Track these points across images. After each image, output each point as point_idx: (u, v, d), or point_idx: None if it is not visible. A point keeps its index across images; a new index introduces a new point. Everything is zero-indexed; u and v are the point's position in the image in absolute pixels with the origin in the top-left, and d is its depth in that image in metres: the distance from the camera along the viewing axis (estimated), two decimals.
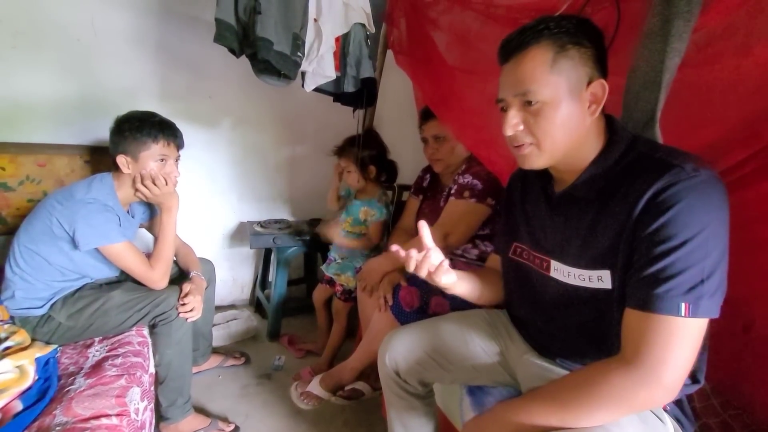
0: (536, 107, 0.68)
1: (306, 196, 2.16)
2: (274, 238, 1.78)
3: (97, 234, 1.08)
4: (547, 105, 0.67)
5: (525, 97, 0.69)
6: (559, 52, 0.66)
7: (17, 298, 1.10)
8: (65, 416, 0.88)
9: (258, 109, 1.92)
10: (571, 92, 0.67)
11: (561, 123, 0.68)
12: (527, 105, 0.69)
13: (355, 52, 1.19)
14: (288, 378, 1.64)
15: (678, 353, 0.57)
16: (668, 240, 0.58)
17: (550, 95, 0.67)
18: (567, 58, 0.66)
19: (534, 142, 0.70)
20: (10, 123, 1.45)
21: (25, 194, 1.45)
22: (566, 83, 0.67)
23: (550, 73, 0.66)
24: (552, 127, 0.68)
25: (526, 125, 0.70)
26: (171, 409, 1.24)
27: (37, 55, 1.45)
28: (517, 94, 0.70)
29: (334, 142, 2.12)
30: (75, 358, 1.10)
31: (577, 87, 0.67)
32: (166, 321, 1.19)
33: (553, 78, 0.66)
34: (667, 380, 0.57)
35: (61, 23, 1.46)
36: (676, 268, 0.58)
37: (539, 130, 0.69)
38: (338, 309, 1.64)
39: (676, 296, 0.57)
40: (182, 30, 1.65)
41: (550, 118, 0.68)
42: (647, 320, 0.59)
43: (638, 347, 0.59)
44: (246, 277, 2.16)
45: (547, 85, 0.67)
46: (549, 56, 0.66)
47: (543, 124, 0.68)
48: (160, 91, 1.67)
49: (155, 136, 1.14)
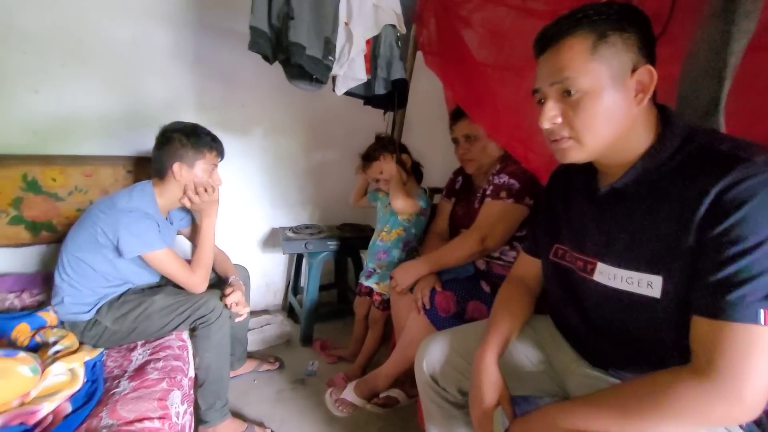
0: (576, 97, 0.64)
1: (335, 201, 2.16)
2: (306, 244, 1.79)
3: (140, 242, 1.12)
4: (588, 95, 0.63)
5: (563, 86, 0.65)
6: (599, 39, 0.62)
7: (66, 303, 1.15)
8: (111, 419, 0.90)
9: (288, 116, 1.95)
10: (613, 80, 0.62)
11: (603, 113, 0.63)
12: (566, 95, 0.65)
13: (385, 54, 1.18)
14: (322, 383, 1.64)
15: (761, 366, 0.51)
16: (740, 241, 0.53)
17: (591, 83, 0.63)
18: (608, 45, 0.62)
19: (573, 135, 0.66)
20: (61, 136, 1.53)
21: (74, 204, 1.53)
22: (608, 70, 0.62)
23: (590, 60, 0.62)
24: (593, 119, 0.64)
25: (564, 117, 0.66)
26: (209, 412, 1.26)
27: (84, 72, 1.54)
28: (554, 83, 0.66)
29: (362, 146, 2.12)
30: (119, 361, 1.13)
31: (620, 74, 0.62)
32: (206, 324, 1.21)
33: (593, 65, 0.62)
34: (749, 396, 0.51)
35: (105, 41, 1.54)
36: (751, 272, 0.52)
37: (579, 122, 0.65)
38: (375, 317, 1.62)
39: (753, 302, 0.52)
40: (216, 42, 1.71)
41: (590, 109, 0.63)
42: (721, 329, 0.53)
43: (713, 358, 0.53)
44: (278, 283, 2.18)
45: (587, 73, 0.62)
46: (588, 44, 0.62)
47: (583, 115, 0.64)
48: (196, 102, 1.72)
49: (210, 146, 1.20)
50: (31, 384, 0.91)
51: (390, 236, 1.60)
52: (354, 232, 1.99)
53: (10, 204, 1.45)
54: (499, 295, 0.94)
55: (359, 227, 2.05)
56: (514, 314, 0.89)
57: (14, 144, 1.47)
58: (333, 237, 1.87)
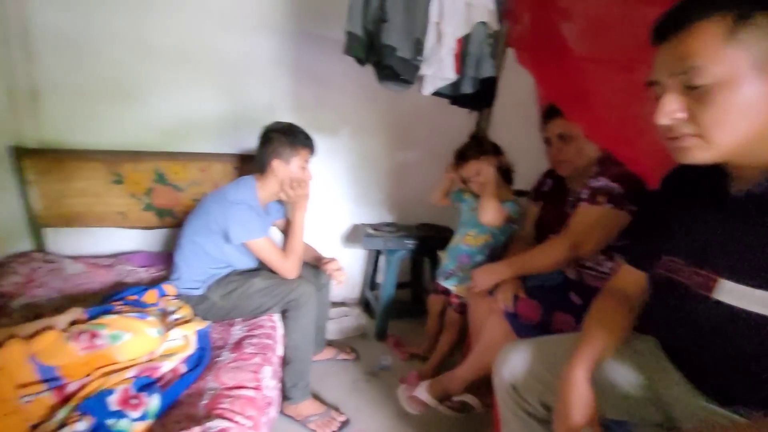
0: (704, 89, 0.55)
1: (415, 201, 2.18)
2: (385, 241, 1.83)
3: (244, 231, 1.26)
4: (720, 86, 0.54)
5: (688, 77, 0.56)
6: (739, 21, 0.53)
7: (182, 279, 1.34)
8: (215, 383, 1.03)
9: (374, 117, 2.02)
10: (755, 68, 0.53)
11: (739, 107, 0.54)
12: (691, 87, 0.56)
13: (475, 52, 1.17)
14: (394, 379, 1.67)
15: None
16: None
17: (725, 73, 0.54)
18: (751, 26, 0.52)
19: (698, 132, 0.57)
20: (183, 136, 1.79)
21: (191, 194, 1.77)
22: (748, 57, 0.53)
23: (726, 46, 0.53)
24: (726, 114, 0.55)
25: (688, 112, 0.58)
26: (293, 390, 1.36)
27: (202, 81, 1.77)
28: (676, 73, 0.58)
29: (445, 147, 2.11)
30: (222, 334, 1.28)
31: (764, 61, 0.53)
32: (296, 308, 1.31)
33: (729, 52, 0.53)
34: None
35: (220, 53, 1.75)
36: None
37: (707, 118, 0.56)
38: (452, 320, 1.60)
39: None
40: (313, 49, 1.83)
41: (723, 103, 0.54)
42: None
43: None
44: (356, 277, 2.27)
45: (720, 61, 0.54)
46: (725, 27, 0.53)
47: (713, 110, 0.55)
48: (293, 104, 1.87)
49: (303, 144, 1.31)
50: (156, 344, 1.08)
51: (476, 241, 1.55)
52: (432, 232, 1.99)
53: (144, 193, 1.72)
54: (594, 307, 0.86)
55: (437, 228, 2.04)
56: (610, 329, 0.81)
57: (148, 143, 1.75)
58: (411, 236, 1.89)
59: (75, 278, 1.48)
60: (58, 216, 1.67)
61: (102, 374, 0.94)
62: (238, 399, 0.96)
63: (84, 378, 0.92)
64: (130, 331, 1.03)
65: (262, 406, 1.02)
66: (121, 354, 0.99)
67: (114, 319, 1.05)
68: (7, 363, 0.84)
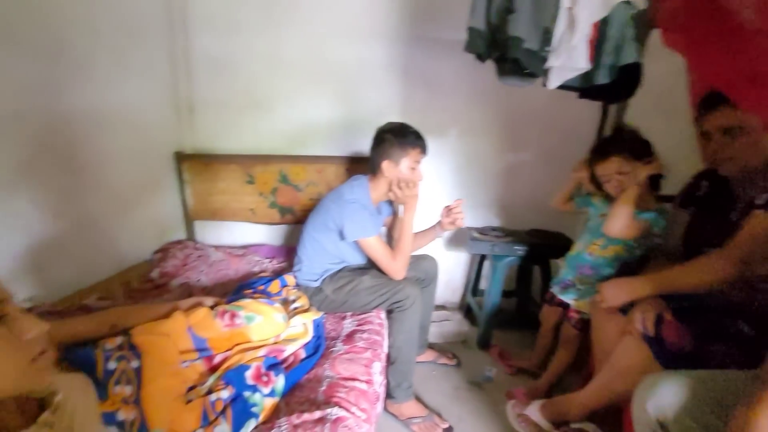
0: None
1: (524, 205, 2.04)
2: (493, 246, 1.75)
3: (358, 229, 1.31)
4: None
5: None
6: None
7: (303, 271, 1.45)
8: (331, 371, 1.08)
9: (482, 117, 1.95)
10: None
11: None
12: None
13: (615, 36, 1.03)
14: (498, 392, 1.58)
15: None
16: None
17: None
18: None
19: None
20: (303, 141, 1.96)
21: (308, 194, 1.93)
22: None
23: None
24: None
25: None
26: (397, 389, 1.37)
27: (321, 89, 1.91)
28: None
29: (560, 147, 1.94)
30: (334, 326, 1.36)
31: None
32: (402, 309, 1.32)
33: None
34: None
35: (337, 62, 1.87)
36: None
37: None
38: (569, 336, 1.44)
39: None
40: (423, 52, 1.85)
41: None
42: None
43: None
44: (458, 281, 2.21)
45: None
46: None
47: None
48: (402, 107, 1.91)
49: (413, 144, 1.32)
50: (282, 328, 1.18)
51: (605, 252, 1.34)
52: (544, 239, 1.83)
53: (270, 192, 1.93)
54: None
55: (550, 234, 1.88)
56: None
57: (275, 147, 1.96)
58: (521, 242, 1.77)
59: (217, 264, 1.73)
60: (205, 210, 1.96)
61: (239, 350, 1.06)
62: (353, 390, 1.00)
63: (226, 352, 1.05)
64: (261, 314, 1.15)
65: (373, 400, 1.04)
66: (255, 334, 1.11)
67: (248, 302, 1.18)
68: (172, 331, 1.01)
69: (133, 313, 1.03)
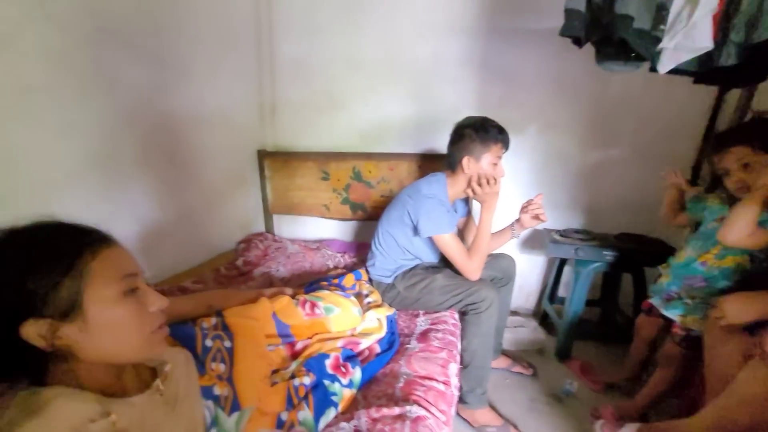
0: None
1: (613, 207, 1.86)
2: (577, 249, 1.61)
3: (434, 225, 1.28)
4: None
5: None
6: None
7: (376, 266, 1.46)
8: (407, 368, 1.07)
9: (566, 112, 1.81)
10: None
11: None
12: None
13: (749, 9, 0.88)
14: (580, 408, 1.45)
15: None
16: None
17: None
18: None
19: None
20: (377, 139, 1.98)
21: (379, 191, 1.94)
22: None
23: None
24: None
25: None
26: (470, 395, 1.32)
27: (396, 86, 1.92)
28: None
29: (656, 143, 1.75)
30: (407, 323, 1.34)
31: None
32: (477, 312, 1.26)
33: None
34: None
35: (410, 59, 1.86)
36: None
37: None
38: (671, 354, 1.26)
39: None
40: (502, 45, 1.77)
41: None
42: None
43: None
44: (532, 286, 2.08)
45: None
46: None
47: None
48: (478, 104, 1.84)
49: (496, 139, 1.26)
50: (358, 322, 1.19)
51: (722, 263, 1.14)
52: (637, 244, 1.65)
53: (343, 188, 1.97)
54: None
55: (645, 240, 1.68)
56: None
57: (349, 144, 2.00)
58: (609, 246, 1.61)
59: (294, 256, 1.81)
60: (283, 205, 2.07)
61: (319, 339, 1.09)
62: (431, 390, 0.97)
63: (306, 340, 1.09)
64: (339, 306, 1.17)
65: (451, 401, 1.01)
66: (333, 325, 1.13)
67: (327, 293, 1.21)
68: (259, 315, 1.06)
69: (225, 296, 1.11)
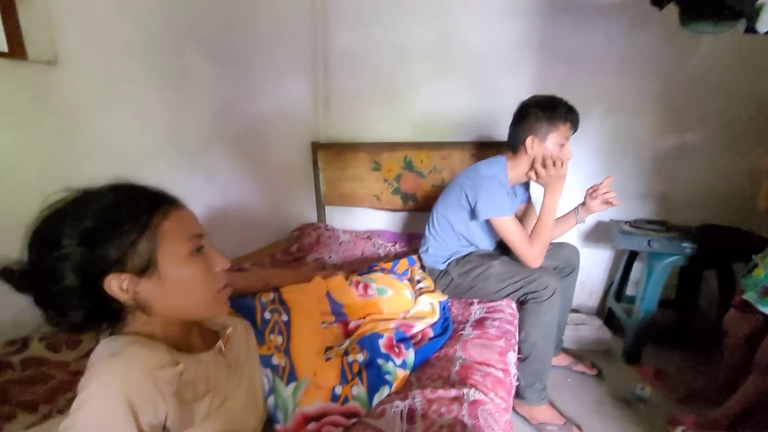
0: None
1: (694, 196, 1.68)
2: (650, 241, 1.46)
3: (492, 206, 1.23)
4: None
5: None
6: None
7: (429, 252, 1.43)
8: (463, 353, 1.02)
9: (636, 93, 1.67)
10: None
11: None
12: None
13: None
14: (653, 415, 1.32)
15: None
16: None
17: None
18: None
19: None
20: (431, 128, 1.95)
21: (431, 180, 1.91)
22: None
23: None
24: None
25: None
26: (529, 390, 1.24)
27: (449, 75, 1.88)
28: None
29: (748, 123, 1.55)
30: (461, 310, 1.30)
31: None
32: (537, 301, 1.19)
33: None
34: None
35: (466, 45, 1.82)
36: None
37: None
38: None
39: None
40: (563, 23, 1.67)
41: None
42: None
43: None
44: (595, 282, 1.93)
45: None
46: None
47: None
48: (535, 87, 1.75)
49: (564, 118, 1.19)
50: (410, 305, 1.17)
51: None
52: (723, 237, 1.47)
53: (395, 178, 1.97)
54: None
55: (733, 231, 1.49)
56: None
57: (402, 135, 1.99)
58: (689, 238, 1.45)
59: (345, 245, 1.83)
60: (334, 196, 2.10)
61: (372, 320, 1.08)
62: (488, 376, 0.93)
63: (359, 320, 1.09)
64: (392, 288, 1.16)
65: (509, 390, 0.95)
66: (386, 306, 1.12)
67: (380, 275, 1.21)
68: (314, 293, 1.08)
69: (282, 273, 1.14)
